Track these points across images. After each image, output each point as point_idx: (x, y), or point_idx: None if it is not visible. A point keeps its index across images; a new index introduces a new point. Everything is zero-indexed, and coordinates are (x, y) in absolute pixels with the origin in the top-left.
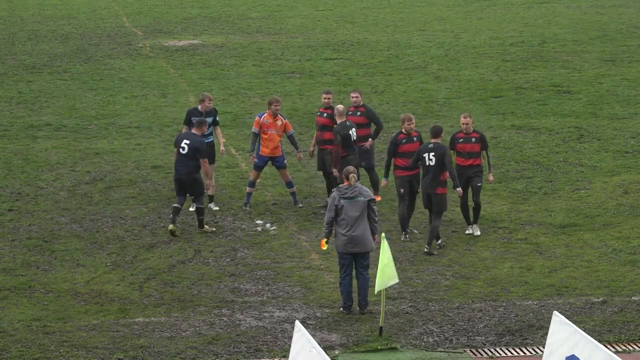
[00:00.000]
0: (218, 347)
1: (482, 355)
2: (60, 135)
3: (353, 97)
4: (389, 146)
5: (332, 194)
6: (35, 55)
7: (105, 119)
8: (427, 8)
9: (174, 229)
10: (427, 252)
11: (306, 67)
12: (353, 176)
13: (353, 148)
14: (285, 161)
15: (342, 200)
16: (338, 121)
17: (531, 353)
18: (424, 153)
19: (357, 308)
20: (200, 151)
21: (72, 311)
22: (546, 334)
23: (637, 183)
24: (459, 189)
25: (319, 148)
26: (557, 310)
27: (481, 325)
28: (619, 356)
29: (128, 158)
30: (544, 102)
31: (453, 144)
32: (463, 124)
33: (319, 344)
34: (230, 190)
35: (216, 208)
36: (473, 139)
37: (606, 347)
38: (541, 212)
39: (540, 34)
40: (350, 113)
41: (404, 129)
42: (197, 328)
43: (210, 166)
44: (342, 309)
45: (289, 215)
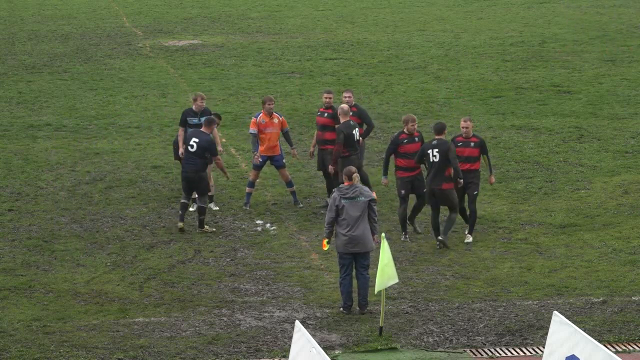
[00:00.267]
0: (218, 347)
1: (482, 355)
2: (60, 135)
3: (345, 97)
4: (389, 145)
5: (333, 194)
6: (35, 55)
7: (105, 119)
8: (427, 8)
9: (183, 227)
10: (442, 242)
11: (306, 67)
12: (356, 176)
13: (356, 148)
14: (284, 160)
15: (343, 200)
16: (342, 120)
17: (531, 353)
18: (428, 149)
19: (357, 308)
20: (210, 150)
21: (72, 311)
22: (546, 334)
23: (637, 183)
24: (461, 180)
25: (320, 148)
26: (557, 310)
27: (481, 325)
28: (619, 356)
29: (128, 158)
30: (544, 102)
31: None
32: (463, 128)
33: (319, 344)
34: (230, 190)
35: (216, 208)
36: (472, 144)
37: (606, 347)
38: (541, 212)
39: (540, 34)
40: None
41: (407, 130)
42: (197, 328)
43: (208, 166)
44: (342, 309)
45: (289, 215)
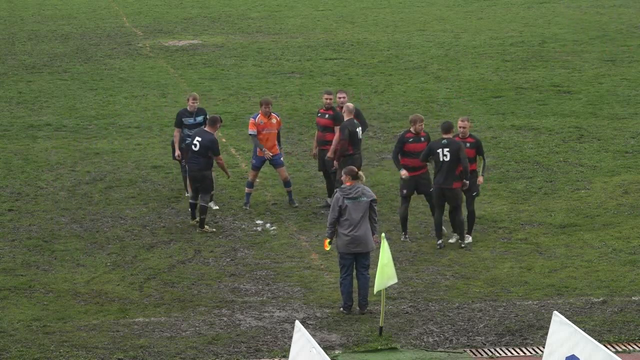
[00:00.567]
0: (218, 347)
1: (482, 355)
2: (60, 135)
3: (340, 98)
4: (396, 143)
5: (336, 195)
6: (35, 55)
7: (105, 119)
8: (427, 8)
9: (196, 223)
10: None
11: (306, 67)
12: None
13: (359, 147)
14: (282, 158)
15: (346, 200)
16: (346, 118)
17: (531, 353)
18: (438, 149)
19: (357, 308)
20: (212, 149)
21: (72, 311)
22: (546, 334)
23: (637, 183)
24: (467, 182)
25: (320, 149)
26: (557, 310)
27: (481, 325)
28: (619, 356)
29: (128, 158)
30: (544, 102)
31: None
32: (460, 127)
33: (319, 344)
34: (230, 190)
35: (216, 207)
36: (468, 144)
37: (606, 347)
38: (541, 212)
39: (540, 34)
40: None
41: (414, 129)
42: (197, 328)
43: None
44: (342, 309)
45: (289, 215)
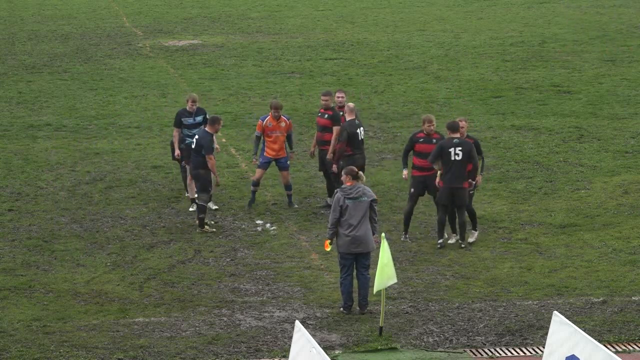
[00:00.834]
0: (218, 347)
1: (482, 355)
2: (60, 135)
3: (338, 97)
4: (407, 142)
5: (336, 195)
6: (35, 55)
7: (105, 119)
8: (427, 8)
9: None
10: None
11: (306, 67)
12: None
13: (359, 147)
14: (288, 162)
15: (347, 200)
16: (347, 118)
17: (531, 353)
18: (450, 148)
19: (357, 308)
20: (203, 147)
21: (72, 311)
22: (546, 334)
23: (637, 183)
24: (474, 182)
25: (320, 149)
26: (557, 310)
27: (481, 325)
28: (619, 356)
29: (128, 158)
30: (544, 102)
31: None
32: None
33: (319, 344)
34: (230, 190)
35: (215, 207)
36: None
37: (606, 347)
38: (541, 212)
39: (540, 34)
40: None
41: (424, 129)
42: (197, 328)
43: None
44: (343, 309)
45: (289, 215)
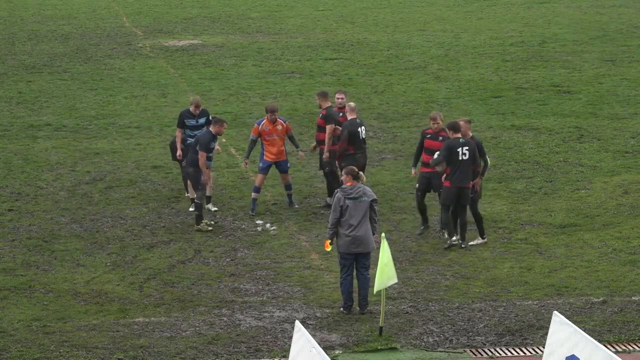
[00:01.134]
0: (218, 347)
1: (482, 355)
2: (60, 135)
3: (338, 99)
4: (419, 138)
5: (337, 195)
6: (35, 55)
7: (105, 119)
8: (427, 8)
9: (207, 222)
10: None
11: (306, 67)
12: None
13: (361, 146)
14: (288, 164)
15: (347, 200)
16: (349, 117)
17: (531, 353)
18: (458, 147)
19: (357, 308)
20: (199, 142)
21: (72, 311)
22: (546, 334)
23: (637, 183)
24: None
25: (320, 148)
26: (557, 310)
27: (481, 325)
28: (619, 356)
29: (128, 158)
30: (544, 102)
31: None
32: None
33: (319, 344)
34: (230, 190)
35: (215, 209)
36: None
37: (606, 347)
38: (541, 212)
39: (540, 34)
40: None
41: (430, 127)
42: (197, 328)
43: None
44: (343, 309)
45: (289, 215)
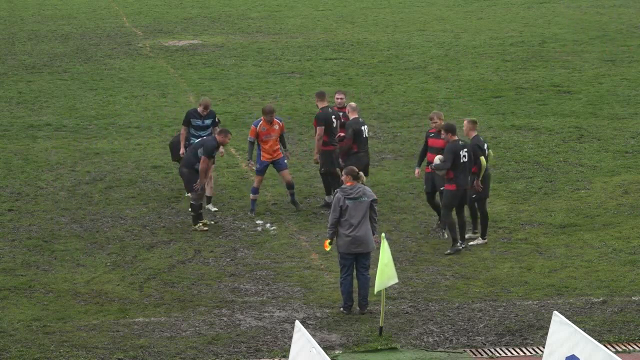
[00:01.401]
0: (218, 347)
1: (482, 355)
2: (60, 135)
3: (338, 99)
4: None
5: (337, 195)
6: (35, 55)
7: (105, 119)
8: (427, 8)
9: (207, 222)
10: (465, 248)
11: (306, 67)
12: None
13: (365, 145)
14: (286, 161)
15: (347, 200)
16: (350, 117)
17: (531, 353)
18: (459, 150)
19: (357, 308)
20: (203, 146)
21: (72, 311)
22: (546, 334)
23: (637, 183)
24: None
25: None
26: (557, 310)
27: (481, 325)
28: (619, 356)
29: (128, 158)
30: (544, 102)
31: None
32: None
33: (319, 344)
34: (230, 190)
35: (215, 209)
36: None
37: (606, 347)
38: (541, 212)
39: (540, 34)
40: None
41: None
42: (197, 328)
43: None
44: (343, 309)
45: (289, 215)
